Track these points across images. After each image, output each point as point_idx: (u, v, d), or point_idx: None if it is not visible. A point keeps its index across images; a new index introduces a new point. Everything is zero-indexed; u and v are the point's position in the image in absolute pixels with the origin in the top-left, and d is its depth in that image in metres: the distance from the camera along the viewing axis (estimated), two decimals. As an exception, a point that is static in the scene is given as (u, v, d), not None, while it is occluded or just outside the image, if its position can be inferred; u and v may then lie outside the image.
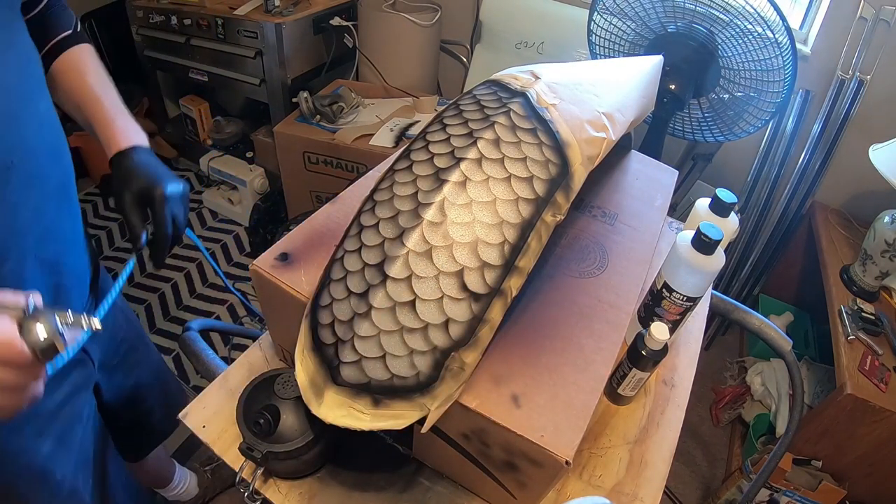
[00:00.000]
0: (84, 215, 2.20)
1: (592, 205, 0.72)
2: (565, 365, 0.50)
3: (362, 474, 0.59)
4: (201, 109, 2.16)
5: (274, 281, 0.54)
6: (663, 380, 0.70)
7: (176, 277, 1.97)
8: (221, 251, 2.11)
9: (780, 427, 1.41)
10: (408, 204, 0.47)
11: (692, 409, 1.61)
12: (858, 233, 1.50)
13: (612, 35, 1.34)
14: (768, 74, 1.16)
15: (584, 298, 0.58)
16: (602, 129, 0.55)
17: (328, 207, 0.63)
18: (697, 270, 0.60)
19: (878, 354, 1.16)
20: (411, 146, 0.51)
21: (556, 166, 0.49)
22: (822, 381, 1.42)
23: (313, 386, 0.44)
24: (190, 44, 1.86)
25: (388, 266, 0.44)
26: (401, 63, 1.91)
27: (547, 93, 0.54)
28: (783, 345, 0.79)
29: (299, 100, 1.69)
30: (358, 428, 0.42)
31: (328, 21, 1.85)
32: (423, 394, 0.42)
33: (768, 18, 1.10)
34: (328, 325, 0.45)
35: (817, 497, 1.22)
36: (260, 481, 0.57)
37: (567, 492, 0.58)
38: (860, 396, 1.06)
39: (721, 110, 1.31)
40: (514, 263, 0.46)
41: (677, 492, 1.48)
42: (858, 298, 1.29)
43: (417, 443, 0.57)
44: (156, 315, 1.84)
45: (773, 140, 1.60)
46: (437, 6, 1.91)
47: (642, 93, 0.70)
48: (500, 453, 0.48)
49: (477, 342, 0.44)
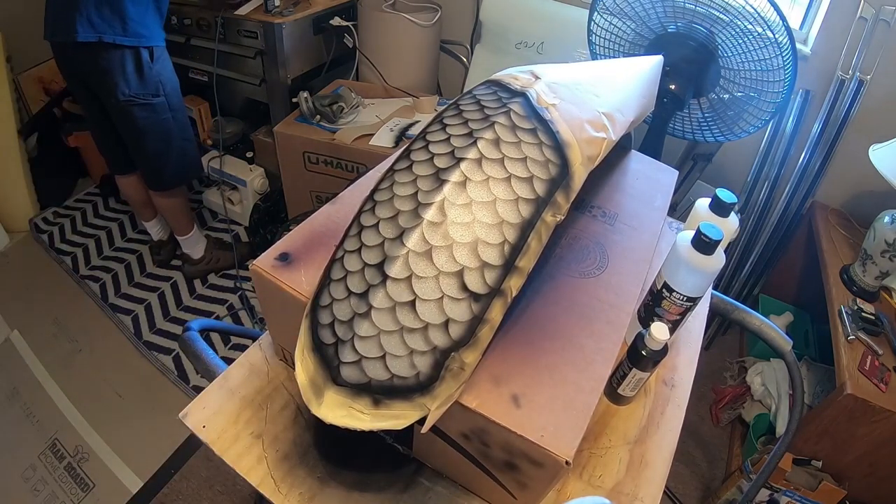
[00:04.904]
0: (84, 215, 2.21)
1: (592, 205, 0.72)
2: (565, 365, 0.50)
3: (362, 474, 0.59)
4: (201, 109, 2.16)
5: (274, 281, 0.54)
6: (663, 380, 0.70)
7: (176, 277, 1.98)
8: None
9: (780, 427, 1.41)
10: (408, 204, 0.47)
11: (692, 409, 1.61)
12: (858, 233, 1.50)
13: (612, 35, 1.34)
14: (768, 74, 1.16)
15: (584, 298, 0.58)
16: (602, 129, 0.55)
17: (328, 207, 0.63)
18: (697, 270, 0.60)
19: (878, 354, 1.16)
20: (411, 146, 0.51)
21: (556, 166, 0.49)
22: (822, 381, 1.42)
23: (313, 386, 0.44)
24: (190, 44, 1.86)
25: (388, 266, 0.44)
26: (401, 63, 1.91)
27: (547, 93, 0.54)
28: (783, 345, 0.79)
29: (299, 100, 1.69)
30: (358, 428, 0.42)
31: (328, 21, 1.85)
32: (423, 394, 0.42)
33: (768, 18, 1.10)
34: (328, 325, 0.45)
35: (817, 497, 1.22)
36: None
37: (567, 492, 0.58)
38: (860, 396, 1.06)
39: (721, 110, 1.31)
40: (514, 263, 0.46)
41: (677, 492, 1.48)
42: (858, 298, 1.29)
43: (417, 443, 0.57)
44: (156, 315, 1.84)
45: (773, 140, 1.59)
46: (437, 6, 1.91)
47: (642, 93, 0.70)
48: (500, 453, 0.48)
49: (477, 342, 0.44)
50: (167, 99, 1.48)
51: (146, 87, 1.43)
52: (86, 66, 1.40)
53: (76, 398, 1.59)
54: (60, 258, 2.02)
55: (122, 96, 1.40)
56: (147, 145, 1.53)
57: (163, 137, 1.53)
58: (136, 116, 1.45)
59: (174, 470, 1.40)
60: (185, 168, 1.66)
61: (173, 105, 1.51)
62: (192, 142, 1.64)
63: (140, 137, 1.51)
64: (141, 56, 1.39)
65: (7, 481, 1.40)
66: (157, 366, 1.68)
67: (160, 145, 1.54)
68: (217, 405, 0.63)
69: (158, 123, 1.50)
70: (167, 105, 1.49)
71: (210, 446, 0.59)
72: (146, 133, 1.50)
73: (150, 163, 1.60)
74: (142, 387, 1.63)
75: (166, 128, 1.52)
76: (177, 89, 1.53)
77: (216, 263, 1.97)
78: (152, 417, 1.55)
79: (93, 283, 1.93)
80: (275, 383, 0.66)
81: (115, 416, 1.55)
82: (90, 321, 1.82)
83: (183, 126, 1.58)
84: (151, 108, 1.46)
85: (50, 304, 1.86)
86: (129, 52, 1.37)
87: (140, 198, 1.79)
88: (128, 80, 1.39)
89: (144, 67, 1.40)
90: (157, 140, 1.53)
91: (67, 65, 1.45)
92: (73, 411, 1.55)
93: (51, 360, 1.69)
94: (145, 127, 1.48)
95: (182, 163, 1.63)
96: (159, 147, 1.54)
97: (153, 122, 1.49)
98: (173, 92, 1.51)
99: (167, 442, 1.46)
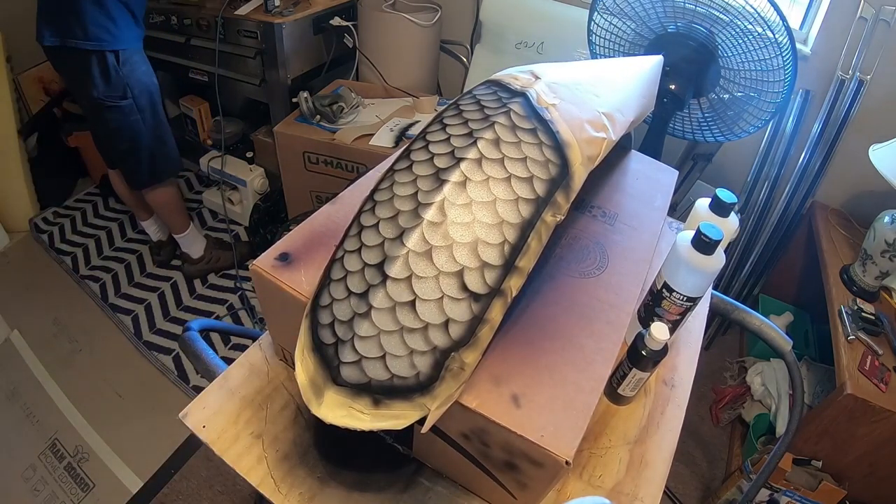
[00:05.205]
0: (84, 215, 2.21)
1: (592, 205, 0.72)
2: (565, 365, 0.50)
3: (362, 474, 0.59)
4: (201, 109, 2.16)
5: (274, 281, 0.54)
6: (663, 380, 0.70)
7: (176, 277, 1.98)
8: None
9: (780, 427, 1.41)
10: (408, 204, 0.46)
11: (692, 409, 1.61)
12: (858, 233, 1.50)
13: (612, 35, 1.34)
14: (768, 74, 1.16)
15: (584, 298, 0.58)
16: (602, 129, 0.55)
17: (328, 207, 0.63)
18: (697, 270, 0.60)
19: (878, 354, 1.16)
20: (411, 146, 0.51)
21: (556, 166, 0.49)
22: (822, 381, 1.42)
23: (313, 386, 0.44)
24: (190, 44, 1.86)
25: (388, 266, 0.44)
26: (401, 63, 1.91)
27: (547, 93, 0.54)
28: (783, 345, 0.79)
29: (299, 100, 1.69)
30: (358, 428, 0.42)
31: (328, 21, 1.85)
32: (423, 394, 0.42)
33: (768, 18, 1.10)
34: (328, 325, 0.45)
35: (817, 497, 1.22)
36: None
37: (567, 492, 0.58)
38: (860, 396, 1.06)
39: (721, 110, 1.31)
40: (514, 263, 0.46)
41: (677, 492, 1.48)
42: (858, 298, 1.29)
43: (417, 443, 0.57)
44: (155, 315, 1.84)
45: (773, 140, 1.59)
46: (437, 6, 1.91)
47: (642, 93, 0.70)
48: (500, 453, 0.48)
49: (477, 342, 0.44)
50: (135, 101, 1.49)
51: (113, 89, 1.44)
52: (60, 68, 1.48)
53: (76, 398, 1.59)
54: (60, 258, 2.02)
55: (90, 99, 1.43)
56: (118, 145, 1.56)
57: (132, 137, 1.54)
58: (105, 118, 1.48)
59: (174, 470, 1.40)
60: (159, 167, 1.66)
61: (141, 106, 1.52)
62: (165, 143, 1.65)
63: (110, 138, 1.55)
64: (106, 60, 1.40)
65: (7, 481, 1.40)
66: (157, 366, 1.68)
67: (130, 145, 1.56)
68: (217, 405, 0.63)
69: (128, 125, 1.51)
70: (135, 107, 1.50)
71: (210, 446, 0.59)
72: (115, 134, 1.53)
73: (123, 162, 1.64)
74: (142, 387, 1.63)
75: (136, 129, 1.53)
76: (147, 91, 1.53)
77: (216, 263, 1.98)
78: (152, 417, 1.55)
79: (93, 283, 1.93)
80: (275, 383, 0.66)
81: (115, 416, 1.55)
82: (90, 321, 1.82)
83: (155, 126, 1.58)
84: (119, 109, 1.48)
85: (50, 304, 1.86)
86: (95, 56, 1.38)
87: (132, 195, 1.81)
88: (94, 83, 1.41)
89: (111, 71, 1.41)
90: (127, 140, 1.54)
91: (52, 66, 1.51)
92: (73, 411, 1.55)
93: (51, 360, 1.69)
94: (114, 128, 1.51)
95: (155, 162, 1.64)
96: (129, 147, 1.56)
97: (122, 124, 1.51)
98: (142, 94, 1.51)
99: (167, 442, 1.46)
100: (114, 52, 1.41)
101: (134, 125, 1.52)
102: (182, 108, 2.21)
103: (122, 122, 1.50)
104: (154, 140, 1.60)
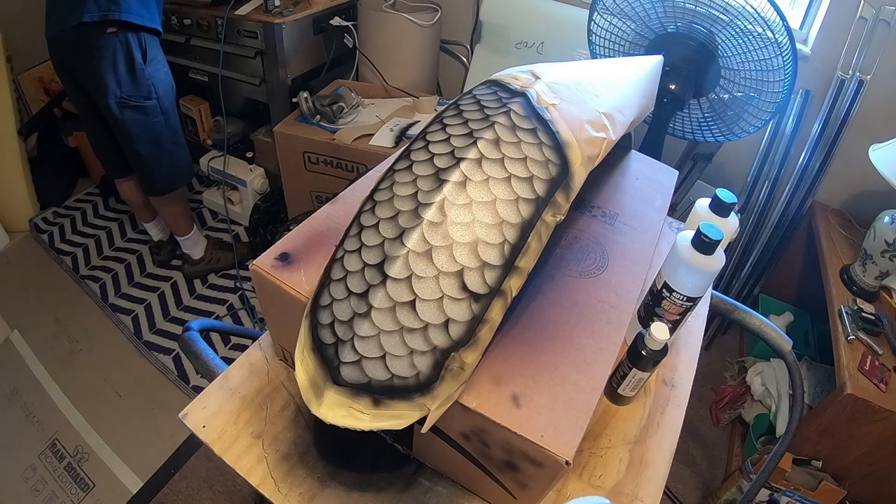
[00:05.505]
0: (84, 215, 2.21)
1: (592, 205, 0.72)
2: (565, 365, 0.50)
3: (362, 474, 0.59)
4: (201, 109, 2.16)
5: (274, 281, 0.54)
6: (663, 380, 0.70)
7: (176, 277, 1.98)
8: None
9: (780, 427, 1.41)
10: (408, 204, 0.46)
11: (692, 409, 1.61)
12: (858, 233, 1.50)
13: (612, 35, 1.34)
14: (768, 74, 1.16)
15: (584, 298, 0.58)
16: (602, 129, 0.55)
17: (328, 207, 0.63)
18: (697, 270, 0.60)
19: (878, 354, 1.16)
20: (411, 146, 0.51)
21: (556, 166, 0.49)
22: (822, 381, 1.42)
23: (313, 386, 0.44)
24: (190, 44, 1.86)
25: (388, 266, 0.44)
26: (401, 63, 1.91)
27: (547, 93, 0.54)
28: (783, 345, 0.79)
29: (299, 100, 1.69)
30: (358, 428, 0.42)
31: (328, 21, 1.85)
32: (423, 394, 0.42)
33: (768, 18, 1.10)
34: (328, 325, 0.45)
35: (817, 497, 1.22)
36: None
37: (567, 492, 0.58)
38: (860, 396, 1.06)
39: (721, 110, 1.31)
40: (514, 263, 0.46)
41: (677, 492, 1.48)
42: (858, 298, 1.29)
43: (417, 443, 0.57)
44: (155, 315, 1.84)
45: (773, 140, 1.59)
46: (437, 6, 1.91)
47: (642, 93, 0.70)
48: (500, 453, 0.48)
49: (477, 342, 0.44)
50: (159, 102, 1.47)
51: (138, 89, 1.42)
52: (80, 64, 1.38)
53: (76, 398, 1.59)
54: (60, 258, 2.02)
55: (114, 97, 1.40)
56: (138, 148, 1.52)
57: (154, 140, 1.52)
58: (128, 119, 1.45)
59: (174, 470, 1.40)
60: (175, 173, 1.65)
61: (165, 108, 1.50)
62: (183, 147, 1.63)
63: (132, 140, 1.50)
64: (133, 57, 1.38)
65: (7, 481, 1.40)
66: (157, 366, 1.68)
67: (151, 148, 1.53)
68: (217, 405, 0.63)
69: (150, 126, 1.49)
70: (159, 108, 1.48)
71: (210, 446, 0.59)
72: (138, 136, 1.49)
73: (142, 166, 1.59)
74: (142, 387, 1.63)
75: (158, 131, 1.51)
76: (169, 93, 1.52)
77: (216, 263, 1.98)
78: (152, 417, 1.55)
79: (93, 283, 1.93)
80: (275, 383, 0.66)
81: (115, 416, 1.55)
82: (90, 321, 1.82)
83: (174, 130, 1.57)
84: (143, 110, 1.45)
85: (50, 304, 1.87)
86: (122, 50, 1.36)
87: (139, 200, 1.80)
88: (119, 81, 1.38)
89: (137, 69, 1.39)
90: (149, 143, 1.52)
91: (63, 64, 1.44)
92: (73, 411, 1.55)
93: (51, 360, 1.69)
94: (137, 129, 1.48)
95: (173, 167, 1.62)
96: (150, 150, 1.54)
97: (144, 125, 1.48)
98: (166, 95, 1.50)
99: (167, 442, 1.46)
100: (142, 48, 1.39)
101: (156, 126, 1.50)
102: (182, 108, 2.21)
103: (146, 122, 1.47)
104: (173, 144, 1.58)
